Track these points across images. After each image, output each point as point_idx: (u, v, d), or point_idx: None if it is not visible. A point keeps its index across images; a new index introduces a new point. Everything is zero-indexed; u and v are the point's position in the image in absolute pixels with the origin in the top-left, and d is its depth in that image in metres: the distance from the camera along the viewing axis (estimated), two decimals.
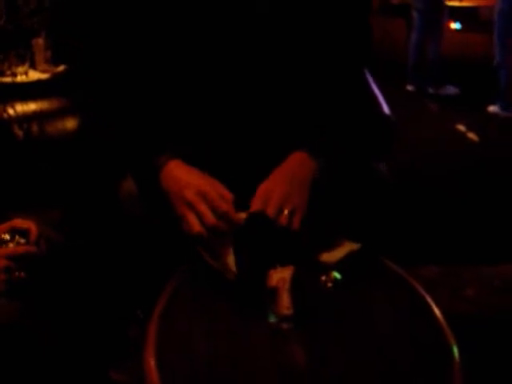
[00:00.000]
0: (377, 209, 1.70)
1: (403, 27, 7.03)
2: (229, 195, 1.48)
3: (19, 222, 1.56)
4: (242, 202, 1.51)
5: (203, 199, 1.46)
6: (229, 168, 1.64)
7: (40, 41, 2.62)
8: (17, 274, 1.49)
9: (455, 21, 6.60)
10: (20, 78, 2.47)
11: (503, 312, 2.39)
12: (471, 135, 4.83)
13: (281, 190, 1.51)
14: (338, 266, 1.43)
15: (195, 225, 1.44)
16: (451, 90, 6.07)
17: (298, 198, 1.53)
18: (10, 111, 2.25)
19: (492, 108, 5.41)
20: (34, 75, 2.52)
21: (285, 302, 1.27)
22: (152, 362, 1.18)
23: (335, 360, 1.21)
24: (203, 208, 1.45)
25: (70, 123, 2.24)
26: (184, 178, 1.53)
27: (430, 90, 6.15)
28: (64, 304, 1.64)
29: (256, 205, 1.49)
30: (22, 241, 1.54)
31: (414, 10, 6.29)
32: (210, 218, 1.44)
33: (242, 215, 1.46)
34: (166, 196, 1.53)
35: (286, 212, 1.48)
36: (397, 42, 6.95)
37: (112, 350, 1.73)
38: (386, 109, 2.17)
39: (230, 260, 1.41)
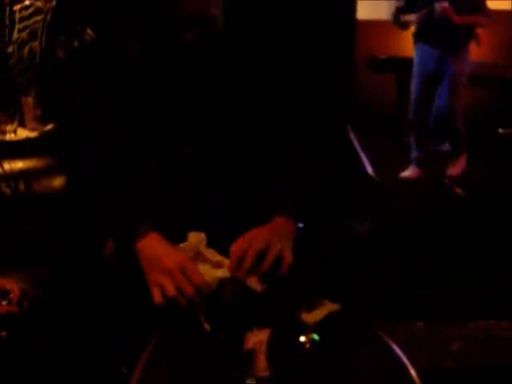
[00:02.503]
0: (356, 269, 1.73)
1: (392, 81, 7.13)
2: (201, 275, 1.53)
3: (2, 283, 1.58)
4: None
5: (181, 270, 1.51)
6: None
7: (30, 99, 2.64)
8: None
9: None
10: (9, 136, 2.48)
11: (488, 366, 2.41)
12: (457, 188, 4.88)
13: (263, 236, 1.58)
14: (318, 326, 1.45)
15: (170, 291, 1.49)
16: (447, 147, 6.00)
17: (281, 243, 1.59)
18: None
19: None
20: (23, 133, 2.53)
21: (261, 364, 1.29)
22: None
23: None
24: (180, 277, 1.50)
25: (57, 181, 2.27)
26: (163, 250, 1.58)
27: (431, 147, 6.05)
28: (45, 362, 1.65)
29: (235, 255, 1.55)
30: (4, 302, 1.56)
31: None
32: (187, 287, 1.49)
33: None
34: (140, 264, 1.59)
35: (273, 249, 1.54)
36: (386, 96, 7.06)
37: None
38: (368, 168, 2.20)
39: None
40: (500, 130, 6.54)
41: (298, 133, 1.80)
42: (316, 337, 1.41)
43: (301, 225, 1.67)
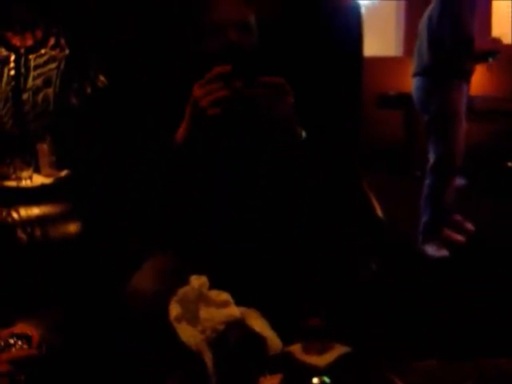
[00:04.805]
0: (364, 310, 1.76)
1: (400, 118, 7.21)
2: None
3: (22, 328, 1.63)
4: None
5: None
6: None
7: (45, 146, 2.69)
8: (17, 377, 1.54)
9: None
10: (24, 183, 2.52)
11: None
12: (468, 224, 4.88)
13: None
14: (328, 369, 1.48)
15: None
16: (461, 181, 5.92)
17: None
18: (14, 215, 2.33)
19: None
20: (38, 179, 2.56)
21: None
22: None
23: None
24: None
25: (72, 227, 2.31)
26: None
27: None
28: None
29: None
30: (25, 346, 1.59)
31: None
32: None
33: None
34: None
35: None
36: (394, 132, 7.13)
37: None
38: (378, 211, 2.22)
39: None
40: (509, 164, 6.56)
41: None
42: (327, 380, 1.43)
43: None
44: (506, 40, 7.09)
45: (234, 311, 1.53)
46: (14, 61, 2.84)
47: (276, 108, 1.71)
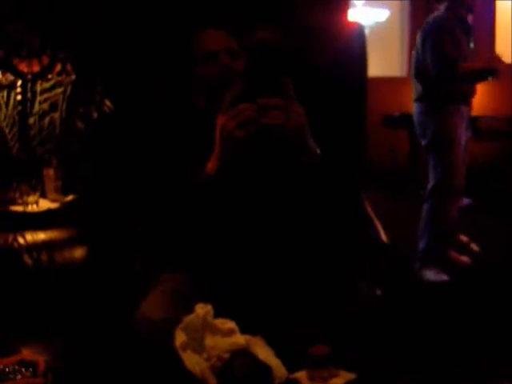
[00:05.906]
0: (370, 336, 1.76)
1: (405, 137, 7.23)
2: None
3: (27, 355, 1.63)
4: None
5: None
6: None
7: (51, 171, 2.70)
8: None
9: None
10: (31, 208, 2.54)
11: None
12: (473, 246, 4.86)
13: None
14: None
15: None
16: (466, 201, 5.89)
17: None
18: (20, 240, 2.34)
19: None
20: (44, 204, 2.58)
21: None
22: None
23: None
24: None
25: (78, 252, 2.32)
26: None
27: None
28: None
29: None
30: (30, 374, 1.59)
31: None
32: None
33: None
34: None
35: None
36: (400, 151, 7.16)
37: None
38: (382, 234, 2.23)
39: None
40: None
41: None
42: None
43: None
44: (508, 59, 7.08)
45: (239, 339, 1.54)
46: (21, 86, 2.86)
47: (291, 116, 1.76)
